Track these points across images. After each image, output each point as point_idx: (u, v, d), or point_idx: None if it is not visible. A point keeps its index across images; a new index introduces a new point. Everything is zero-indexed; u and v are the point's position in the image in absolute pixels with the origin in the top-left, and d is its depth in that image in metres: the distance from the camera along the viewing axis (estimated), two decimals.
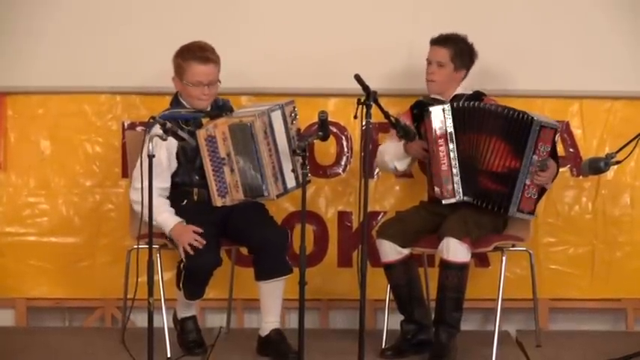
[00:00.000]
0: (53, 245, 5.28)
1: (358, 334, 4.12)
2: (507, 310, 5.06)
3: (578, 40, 5.20)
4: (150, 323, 4.07)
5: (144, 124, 5.02)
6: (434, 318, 4.66)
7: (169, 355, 4.58)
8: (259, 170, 4.55)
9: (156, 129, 4.24)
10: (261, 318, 4.75)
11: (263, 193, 4.59)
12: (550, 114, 5.13)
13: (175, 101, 4.75)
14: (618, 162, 4.49)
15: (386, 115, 4.37)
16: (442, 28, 4.79)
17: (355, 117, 4.14)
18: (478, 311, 5.27)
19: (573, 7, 5.21)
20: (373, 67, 4.77)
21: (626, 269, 5.26)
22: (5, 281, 5.26)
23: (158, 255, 4.57)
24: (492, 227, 4.72)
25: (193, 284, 4.65)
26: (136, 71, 5.18)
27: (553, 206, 5.26)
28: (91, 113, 5.28)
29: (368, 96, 4.17)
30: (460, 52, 4.76)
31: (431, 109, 4.65)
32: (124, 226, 4.99)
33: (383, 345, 4.80)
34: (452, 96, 4.79)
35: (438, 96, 4.79)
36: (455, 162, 4.65)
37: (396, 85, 5.15)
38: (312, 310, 5.20)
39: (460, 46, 4.76)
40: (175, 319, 4.87)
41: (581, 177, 5.21)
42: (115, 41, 5.20)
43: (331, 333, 5.22)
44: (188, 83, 4.66)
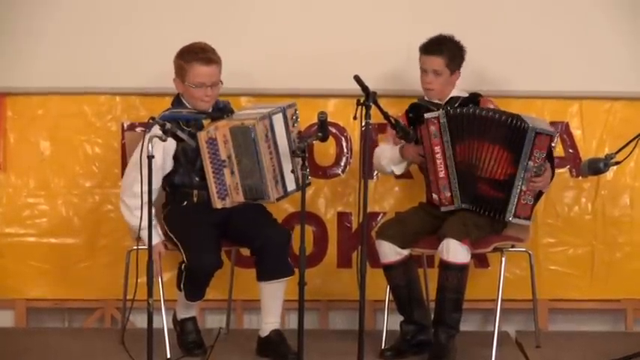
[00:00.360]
0: (53, 246, 5.28)
1: (358, 335, 4.12)
2: (507, 311, 5.06)
3: (577, 41, 5.20)
4: (149, 324, 4.07)
5: (143, 125, 5.01)
6: (433, 319, 4.66)
7: (169, 356, 4.57)
8: (260, 173, 4.54)
9: (155, 129, 4.24)
10: (260, 319, 4.75)
11: (263, 196, 4.58)
12: (550, 115, 5.14)
13: (177, 102, 4.73)
14: (618, 163, 4.49)
15: (385, 116, 4.37)
16: (442, 29, 4.78)
17: (355, 118, 4.13)
18: (478, 312, 5.27)
19: (573, 8, 5.21)
20: (373, 68, 4.77)
21: (625, 270, 5.26)
22: (5, 282, 5.26)
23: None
24: (491, 228, 4.72)
25: (194, 285, 4.65)
26: (136, 72, 5.18)
27: (553, 207, 5.25)
28: (91, 114, 5.28)
29: (367, 97, 4.17)
30: (453, 57, 4.75)
31: (427, 117, 4.64)
32: (124, 227, 4.97)
33: (382, 346, 4.80)
34: (448, 97, 4.79)
35: (437, 100, 4.79)
36: (452, 169, 4.65)
37: (396, 86, 5.15)
38: (311, 311, 5.19)
39: (453, 51, 4.74)
40: (175, 320, 4.86)
41: (580, 178, 5.21)
42: (115, 42, 5.20)
43: (331, 334, 5.22)
44: (190, 85, 4.64)
